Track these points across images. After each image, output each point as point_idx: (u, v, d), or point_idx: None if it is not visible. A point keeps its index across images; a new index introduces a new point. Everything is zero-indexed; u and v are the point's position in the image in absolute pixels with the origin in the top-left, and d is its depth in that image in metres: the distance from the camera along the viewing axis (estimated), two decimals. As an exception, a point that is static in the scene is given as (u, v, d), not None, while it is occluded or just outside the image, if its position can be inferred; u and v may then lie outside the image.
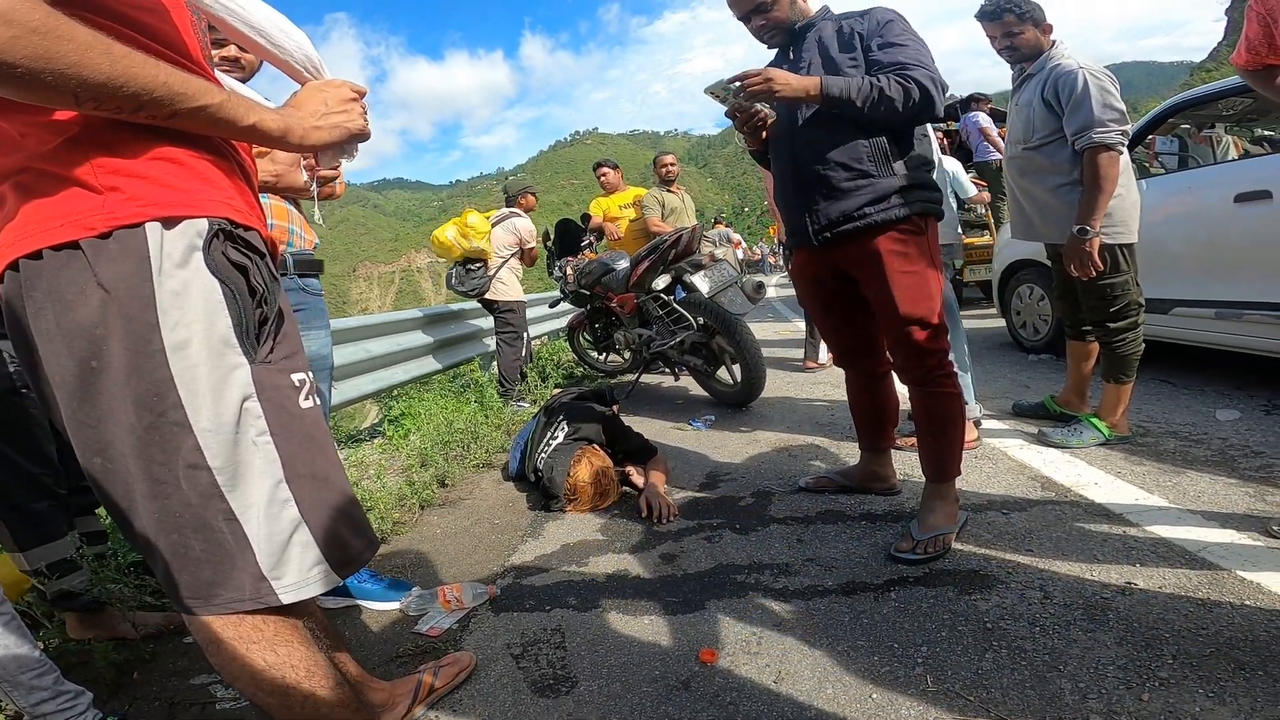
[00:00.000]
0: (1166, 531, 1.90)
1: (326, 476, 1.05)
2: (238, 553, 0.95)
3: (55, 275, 0.86)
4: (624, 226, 5.78)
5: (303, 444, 1.01)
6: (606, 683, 1.52)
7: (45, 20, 0.71)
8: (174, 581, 0.96)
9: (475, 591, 1.95)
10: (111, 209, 0.86)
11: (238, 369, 0.94)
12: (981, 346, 5.07)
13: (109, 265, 0.86)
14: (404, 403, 4.74)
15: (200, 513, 0.93)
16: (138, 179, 0.88)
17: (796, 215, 2.06)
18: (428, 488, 3.01)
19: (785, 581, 1.87)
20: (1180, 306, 3.27)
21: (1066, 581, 1.70)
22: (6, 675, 1.34)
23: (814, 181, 1.97)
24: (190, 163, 0.93)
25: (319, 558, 1.01)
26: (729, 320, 3.80)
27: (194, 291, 0.91)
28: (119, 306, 0.87)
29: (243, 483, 0.95)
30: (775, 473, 2.79)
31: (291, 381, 1.02)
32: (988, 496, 2.28)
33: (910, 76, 1.80)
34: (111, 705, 1.61)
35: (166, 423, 0.90)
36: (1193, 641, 1.41)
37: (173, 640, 1.94)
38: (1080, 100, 2.38)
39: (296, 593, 0.99)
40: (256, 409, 0.96)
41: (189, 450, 0.91)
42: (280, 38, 1.09)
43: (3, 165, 0.87)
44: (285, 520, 0.98)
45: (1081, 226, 2.39)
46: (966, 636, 1.52)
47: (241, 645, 1.00)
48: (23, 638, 1.37)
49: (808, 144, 1.97)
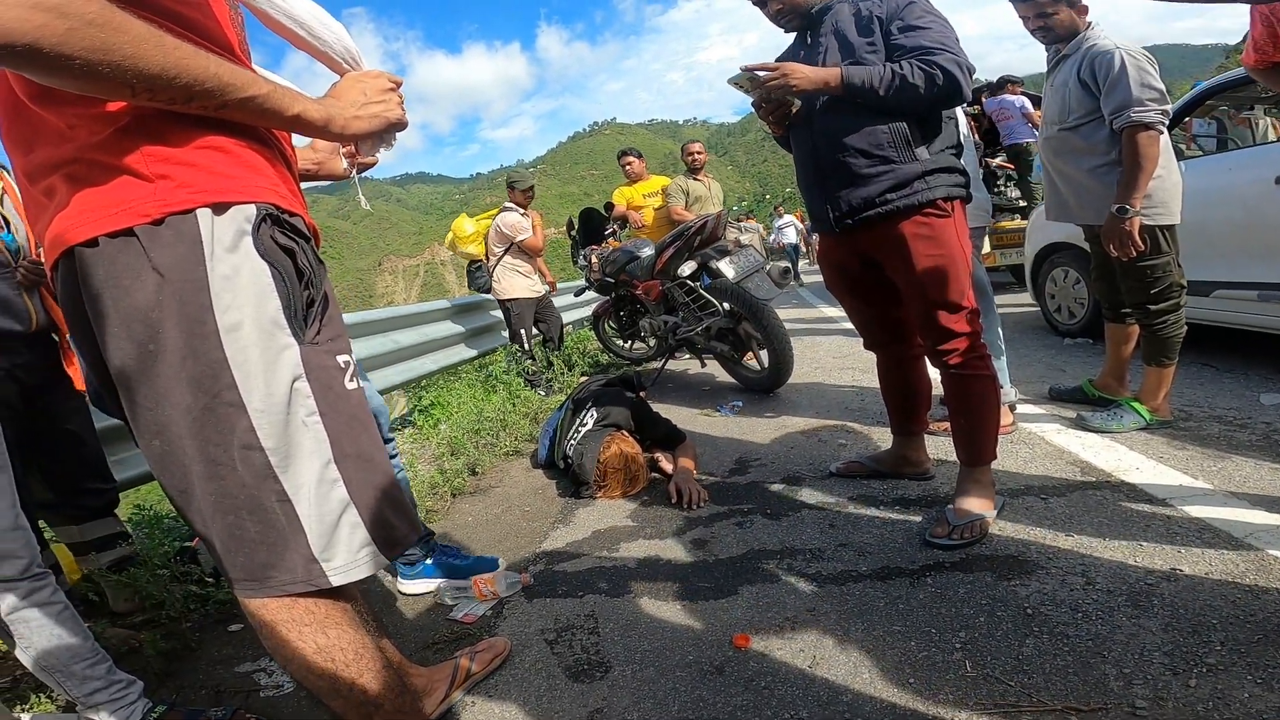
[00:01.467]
0: (1211, 516, 1.85)
1: (371, 457, 1.06)
2: (290, 534, 0.97)
3: (112, 261, 0.88)
4: (648, 215, 5.76)
5: (349, 424, 1.02)
6: (640, 668, 1.53)
7: (100, 13, 0.73)
8: (231, 564, 0.98)
9: (509, 580, 1.96)
10: (163, 196, 0.88)
11: (287, 349, 0.95)
12: (1014, 330, 4.97)
13: (163, 250, 0.88)
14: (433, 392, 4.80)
15: (255, 493, 0.94)
16: (187, 167, 0.89)
17: (818, 202, 2.06)
18: (459, 476, 3.05)
19: (818, 567, 1.86)
20: (1221, 289, 3.17)
21: (1109, 567, 1.66)
22: (60, 665, 1.37)
23: (833, 168, 1.95)
24: (236, 151, 0.95)
25: (366, 539, 1.02)
26: (756, 305, 3.77)
27: (244, 274, 0.92)
28: (174, 290, 0.88)
29: (294, 463, 0.96)
30: (805, 458, 2.77)
31: (337, 363, 1.03)
32: (1025, 481, 2.24)
33: (934, 61, 1.76)
34: (159, 693, 1.65)
35: (222, 404, 0.91)
36: (1240, 628, 1.37)
37: (217, 629, 1.99)
38: (1117, 79, 2.33)
39: (345, 574, 1.01)
40: (306, 389, 0.97)
41: (243, 431, 0.92)
42: (320, 29, 1.10)
43: (53, 156, 0.89)
44: (334, 500, 0.99)
45: (1121, 206, 2.33)
46: (1006, 622, 1.50)
47: (295, 628, 1.01)
48: (76, 628, 1.41)
49: (826, 131, 1.95)
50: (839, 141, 1.92)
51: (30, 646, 1.36)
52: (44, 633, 1.36)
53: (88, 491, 2.12)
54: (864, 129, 1.88)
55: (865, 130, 1.88)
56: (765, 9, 2.05)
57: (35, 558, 1.39)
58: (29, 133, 0.91)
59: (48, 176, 0.91)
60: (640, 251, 4.63)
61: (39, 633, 1.36)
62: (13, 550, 1.35)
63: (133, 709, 1.43)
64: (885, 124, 1.87)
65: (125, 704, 1.42)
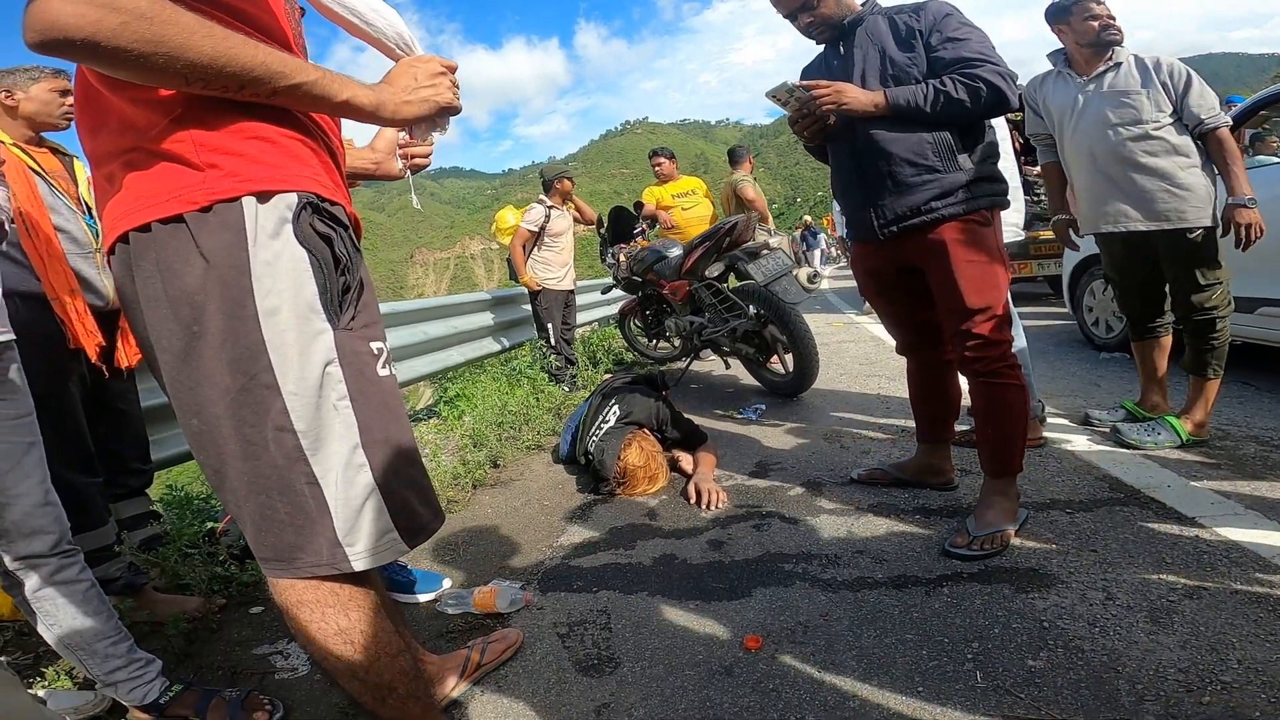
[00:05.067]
0: (1241, 537, 1.81)
1: (399, 444, 1.07)
2: (317, 517, 0.99)
3: (163, 246, 0.92)
4: (676, 215, 5.76)
5: (378, 410, 1.04)
6: (649, 665, 1.54)
7: (151, 6, 0.77)
8: (260, 544, 1.01)
9: (512, 597, 1.87)
10: (212, 185, 0.91)
11: (322, 334, 0.97)
12: (1049, 343, 4.88)
13: (209, 236, 0.91)
14: (459, 384, 4.85)
15: (286, 474, 0.97)
16: (235, 156, 0.93)
17: (859, 210, 2.04)
18: (480, 468, 3.08)
19: (834, 572, 1.85)
20: (1267, 306, 3.08)
21: (1131, 583, 1.64)
22: (83, 644, 1.39)
23: (878, 177, 1.95)
24: (282, 141, 0.97)
25: (389, 525, 1.04)
26: (783, 309, 3.75)
27: (284, 261, 0.95)
28: (218, 274, 0.92)
29: (324, 446, 0.98)
30: (826, 464, 2.75)
31: (370, 349, 1.05)
32: (1051, 495, 2.20)
33: (977, 74, 1.78)
34: (178, 672, 1.69)
35: (258, 385, 0.94)
36: (1260, 646, 1.35)
37: (239, 611, 2.04)
38: (1200, 88, 2.43)
39: (367, 560, 1.02)
40: (338, 373, 0.98)
41: (277, 413, 0.95)
42: (373, 16, 1.13)
43: (116, 144, 0.94)
44: (360, 485, 1.01)
45: (1249, 196, 2.38)
46: (1021, 634, 1.49)
47: (318, 609, 1.03)
48: (101, 606, 1.43)
49: (869, 140, 1.94)
50: (884, 151, 1.91)
51: (55, 624, 1.37)
52: (69, 611, 1.37)
53: (131, 471, 2.18)
54: (908, 138, 1.89)
55: (910, 139, 1.89)
56: (796, 21, 2.05)
57: (65, 534, 1.40)
58: (98, 120, 0.96)
59: (110, 163, 0.95)
60: (668, 251, 4.63)
61: (64, 610, 1.37)
62: (43, 526, 1.36)
63: (150, 687, 1.45)
64: (929, 133, 1.88)
65: (143, 682, 1.45)
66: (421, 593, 1.99)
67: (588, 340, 6.79)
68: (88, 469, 1.88)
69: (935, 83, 1.81)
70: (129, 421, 2.16)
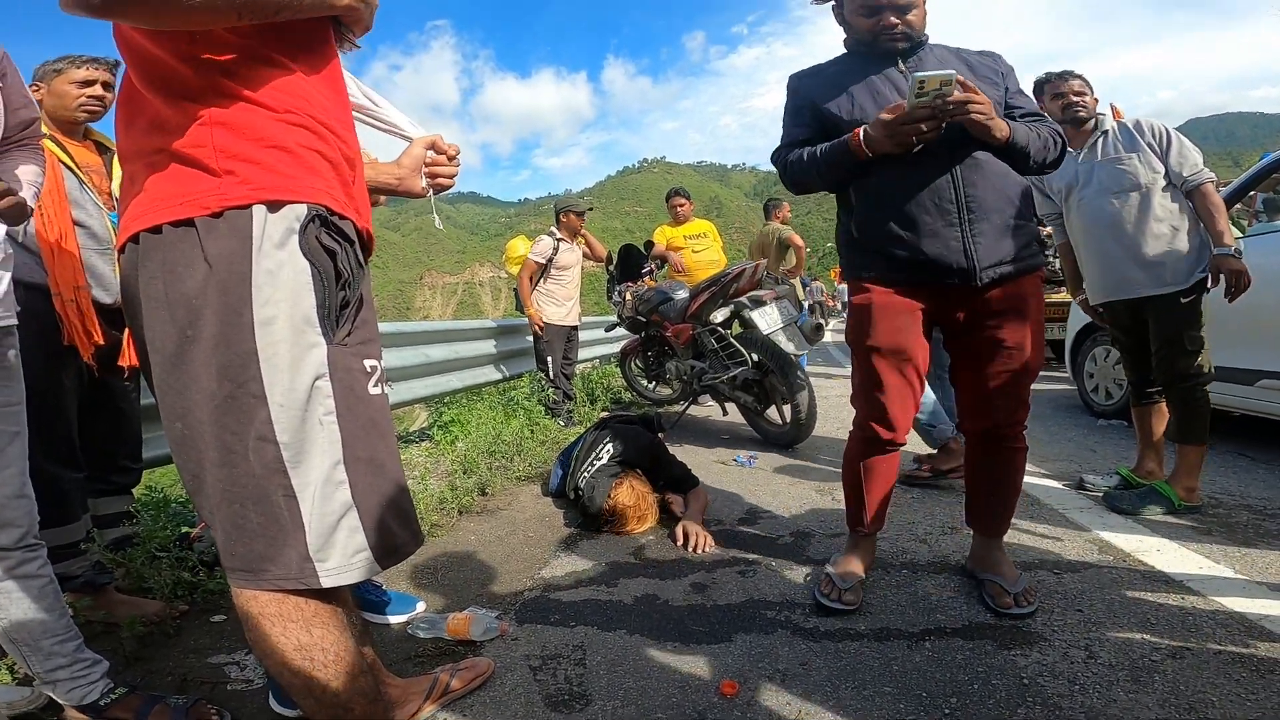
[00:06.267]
0: (1230, 602, 1.80)
1: (383, 464, 1.07)
2: (290, 530, 0.98)
3: (170, 248, 0.94)
4: (687, 257, 5.81)
5: (365, 428, 1.04)
6: (621, 704, 1.51)
7: None
8: (229, 552, 1.00)
9: (486, 626, 1.83)
10: (226, 191, 0.94)
11: (315, 348, 0.98)
12: (1048, 408, 4.88)
13: (216, 242, 0.93)
14: (454, 409, 4.84)
15: (263, 485, 0.96)
16: (252, 164, 0.95)
17: (940, 246, 1.71)
18: (468, 494, 3.06)
19: (816, 622, 1.83)
20: (1267, 378, 3.07)
21: (1115, 643, 1.62)
22: (29, 639, 1.36)
23: (983, 212, 1.71)
24: (299, 152, 1.00)
25: (363, 544, 1.03)
26: (784, 360, 3.77)
27: (286, 271, 0.96)
28: (219, 280, 0.93)
29: (305, 460, 0.98)
30: (816, 516, 2.73)
31: (363, 366, 1.05)
32: (1040, 556, 2.18)
33: (1054, 131, 1.79)
34: (125, 676, 1.64)
35: (245, 394, 0.94)
36: (1240, 706, 1.35)
37: (200, 619, 2.00)
38: (1181, 146, 2.51)
39: (337, 577, 1.01)
40: (327, 388, 0.99)
41: (261, 423, 0.95)
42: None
43: (143, 144, 0.97)
44: (337, 502, 1.00)
45: (1235, 247, 2.42)
46: (1000, 690, 1.47)
47: (280, 623, 1.02)
48: (55, 603, 1.40)
49: (979, 169, 1.72)
50: (994, 185, 1.72)
51: (4, 618, 1.34)
52: (22, 605, 1.35)
53: (119, 469, 2.17)
54: (1015, 178, 1.77)
55: (1016, 179, 1.77)
56: (878, 15, 1.75)
57: (33, 528, 1.38)
58: (132, 118, 1.00)
59: (135, 162, 0.99)
60: (674, 293, 4.67)
61: (17, 605, 1.34)
62: (12, 519, 1.33)
63: (92, 688, 1.42)
64: (1021, 179, 1.80)
65: (86, 683, 1.41)
66: (393, 614, 1.96)
67: (588, 377, 6.80)
68: (71, 463, 1.86)
69: (1037, 129, 1.74)
70: (126, 420, 2.15)
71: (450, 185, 1.43)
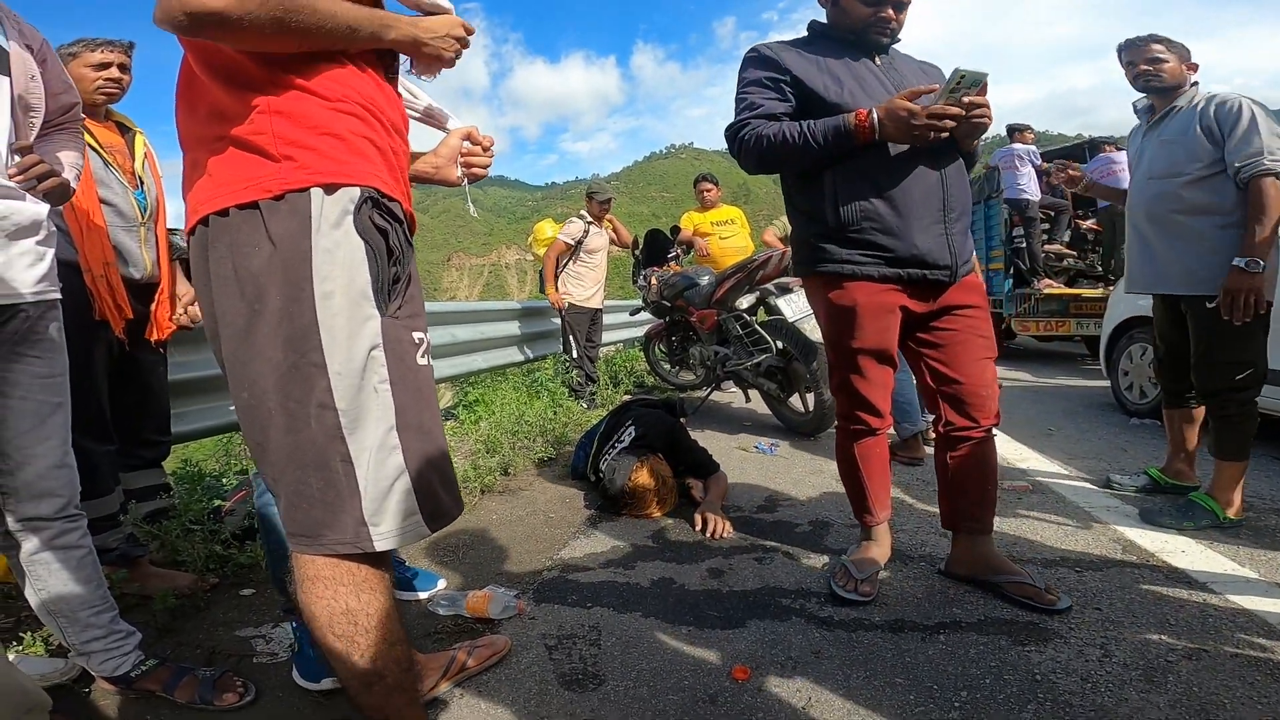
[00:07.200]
0: (1252, 604, 1.77)
1: (430, 430, 1.12)
2: (347, 496, 1.02)
3: (238, 230, 1.00)
4: (713, 244, 5.78)
5: (414, 397, 1.09)
6: (634, 685, 1.53)
7: None
8: (290, 519, 1.05)
9: (505, 604, 1.86)
10: (286, 175, 1.00)
11: (370, 320, 1.03)
12: (1080, 404, 4.79)
13: (279, 222, 0.99)
14: (479, 389, 4.90)
15: (324, 451, 1.01)
16: (309, 150, 1.01)
17: (932, 241, 1.78)
18: (491, 474, 3.11)
19: (831, 611, 1.83)
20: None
21: (1131, 642, 1.61)
22: (66, 610, 1.39)
23: (960, 212, 1.83)
24: (352, 139, 1.05)
25: (414, 508, 1.07)
26: (809, 348, 3.74)
27: (343, 249, 1.01)
28: (282, 258, 0.99)
29: (361, 426, 1.03)
30: (836, 505, 2.72)
31: (412, 338, 1.11)
32: (1062, 553, 2.16)
33: None
34: (156, 648, 1.68)
35: (307, 363, 1.00)
36: (1251, 709, 1.34)
37: (230, 592, 2.06)
38: (1248, 127, 2.18)
39: (391, 540, 1.05)
40: (381, 357, 1.04)
41: (321, 391, 1.00)
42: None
43: (205, 131, 1.03)
44: (391, 466, 1.05)
45: (1254, 259, 2.11)
46: (1012, 685, 1.46)
47: (332, 586, 1.06)
48: (92, 574, 1.43)
49: (954, 169, 1.82)
50: (964, 188, 1.85)
51: (44, 589, 1.38)
52: (61, 576, 1.38)
53: (148, 443, 2.22)
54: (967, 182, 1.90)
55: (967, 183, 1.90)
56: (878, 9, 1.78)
57: (74, 498, 1.41)
58: (192, 105, 1.05)
59: (197, 149, 1.05)
60: (700, 279, 4.65)
61: (55, 576, 1.38)
62: (53, 489, 1.36)
63: (125, 659, 1.45)
64: None
65: (119, 654, 1.45)
66: (422, 589, 2.01)
67: (611, 360, 6.82)
68: (102, 436, 1.91)
69: None
70: (154, 395, 2.20)
71: (485, 174, 1.48)
